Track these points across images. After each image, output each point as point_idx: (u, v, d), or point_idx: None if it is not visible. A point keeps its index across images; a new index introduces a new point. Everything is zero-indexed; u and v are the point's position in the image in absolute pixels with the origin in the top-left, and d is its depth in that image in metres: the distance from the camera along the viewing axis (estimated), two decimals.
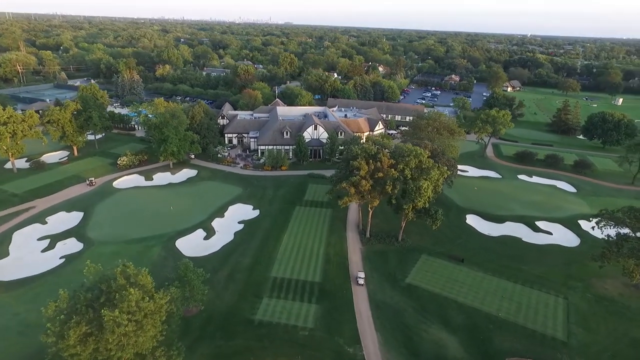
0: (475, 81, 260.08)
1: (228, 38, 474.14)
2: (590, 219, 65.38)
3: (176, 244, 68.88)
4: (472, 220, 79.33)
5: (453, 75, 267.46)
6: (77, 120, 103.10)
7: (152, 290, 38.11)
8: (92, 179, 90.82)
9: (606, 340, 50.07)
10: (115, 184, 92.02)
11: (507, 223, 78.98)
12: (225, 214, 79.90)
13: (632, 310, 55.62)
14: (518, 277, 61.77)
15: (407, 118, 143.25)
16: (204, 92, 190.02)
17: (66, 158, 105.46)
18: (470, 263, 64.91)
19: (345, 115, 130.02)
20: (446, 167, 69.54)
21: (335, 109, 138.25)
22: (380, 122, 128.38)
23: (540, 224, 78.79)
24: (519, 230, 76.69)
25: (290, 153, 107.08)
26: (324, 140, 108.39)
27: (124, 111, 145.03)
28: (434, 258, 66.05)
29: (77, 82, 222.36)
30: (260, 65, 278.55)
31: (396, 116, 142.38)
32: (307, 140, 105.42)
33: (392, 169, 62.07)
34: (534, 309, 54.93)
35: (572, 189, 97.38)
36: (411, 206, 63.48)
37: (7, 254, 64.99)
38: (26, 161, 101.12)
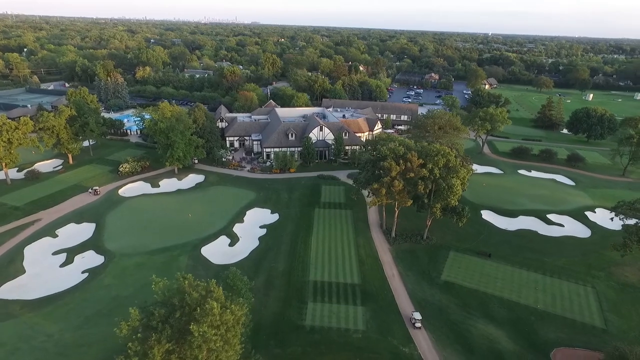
0: (453, 79, 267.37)
1: (201, 38, 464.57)
2: (610, 211, 68.37)
3: (202, 252, 67.09)
4: (487, 215, 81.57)
5: (433, 74, 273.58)
6: (73, 127, 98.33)
7: (225, 301, 36.94)
8: (97, 187, 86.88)
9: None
10: (121, 192, 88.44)
11: (521, 217, 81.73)
12: (245, 219, 78.48)
13: None
14: (544, 269, 64.14)
15: (402, 117, 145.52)
16: (190, 95, 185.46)
17: (61, 167, 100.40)
18: (496, 257, 66.83)
19: (344, 116, 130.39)
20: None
21: (331, 109, 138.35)
22: (378, 121, 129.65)
23: (551, 216, 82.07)
24: (532, 223, 79.54)
25: (296, 155, 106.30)
26: (330, 142, 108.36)
27: (111, 116, 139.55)
28: (462, 254, 67.53)
29: (51, 86, 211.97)
30: (241, 66, 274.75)
31: (391, 115, 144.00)
32: (313, 142, 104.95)
33: (423, 169, 62.84)
34: (568, 299, 57.23)
35: (570, 182, 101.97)
36: (439, 205, 64.70)
37: (22, 270, 61.24)
38: (18, 171, 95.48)
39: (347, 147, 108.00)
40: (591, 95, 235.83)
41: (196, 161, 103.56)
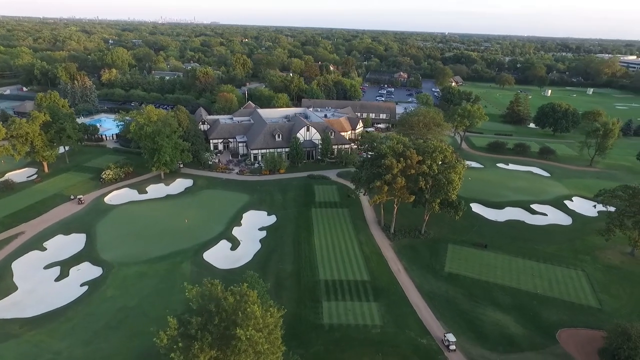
0: (420, 78, 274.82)
1: (162, 39, 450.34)
2: (593, 198, 73.12)
3: (204, 257, 65.83)
4: (477, 208, 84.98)
5: (402, 73, 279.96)
6: (48, 133, 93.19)
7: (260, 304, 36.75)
8: (81, 196, 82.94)
9: (630, 303, 57.20)
10: (107, 200, 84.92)
11: (507, 208, 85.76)
12: (242, 222, 77.58)
13: (636, 274, 63.77)
14: (537, 256, 67.86)
15: (381, 115, 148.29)
16: (162, 97, 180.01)
17: (37, 176, 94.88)
18: (492, 248, 69.95)
19: (325, 116, 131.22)
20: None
21: (311, 109, 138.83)
22: (360, 120, 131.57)
23: (534, 207, 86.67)
24: (519, 214, 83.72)
25: (283, 155, 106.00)
26: (316, 142, 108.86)
27: (81, 121, 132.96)
28: (460, 247, 70.16)
29: (7, 91, 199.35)
30: (209, 67, 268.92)
31: (371, 114, 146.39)
32: (300, 142, 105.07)
33: (424, 165, 64.76)
34: (563, 283, 60.95)
35: (545, 174, 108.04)
36: (438, 199, 66.96)
37: (14, 287, 57.70)
38: None
39: (334, 147, 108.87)
40: (549, 91, 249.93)
41: (181, 165, 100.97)
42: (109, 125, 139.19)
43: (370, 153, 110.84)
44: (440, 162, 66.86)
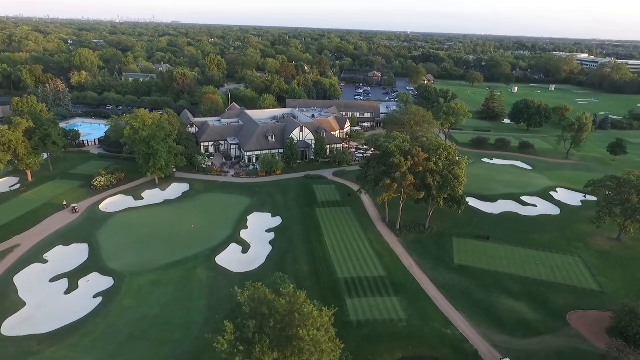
0: (393, 76, 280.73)
1: (126, 39, 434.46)
2: (585, 188, 77.83)
3: (217, 262, 65.22)
4: (472, 202, 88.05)
5: (376, 72, 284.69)
6: (32, 140, 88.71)
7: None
8: (75, 205, 79.71)
9: (626, 284, 61.67)
10: (103, 207, 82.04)
11: (500, 201, 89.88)
12: (248, 224, 77.23)
13: (625, 259, 68.73)
14: (536, 245, 71.73)
15: (366, 114, 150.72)
16: (139, 100, 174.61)
17: (20, 185, 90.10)
18: (494, 239, 73.31)
19: (313, 116, 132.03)
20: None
21: (297, 110, 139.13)
22: (348, 120, 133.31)
23: (524, 199, 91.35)
24: (511, 206, 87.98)
25: (277, 156, 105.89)
26: (309, 142, 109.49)
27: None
28: (464, 239, 73.06)
29: None
30: (174, 68, 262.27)
31: (355, 113, 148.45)
32: (294, 143, 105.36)
33: (431, 162, 67.03)
34: (564, 269, 64.94)
35: (528, 167, 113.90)
36: (444, 195, 69.53)
37: (22, 302, 55.02)
38: None
39: (327, 146, 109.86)
40: (516, 88, 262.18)
41: (174, 169, 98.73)
42: (86, 130, 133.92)
43: (362, 152, 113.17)
44: (444, 159, 69.22)
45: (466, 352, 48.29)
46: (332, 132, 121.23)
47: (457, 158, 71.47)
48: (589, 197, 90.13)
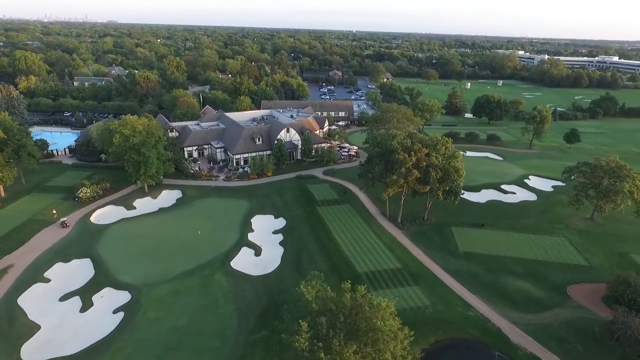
0: (353, 75, 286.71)
1: (67, 41, 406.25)
2: (563, 174, 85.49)
3: (232, 266, 64.80)
4: None
5: (336, 71, 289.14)
6: (4, 152, 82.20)
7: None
8: (64, 219, 75.13)
9: (607, 258, 69.03)
10: (94, 220, 78.03)
11: (483, 191, 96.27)
12: (253, 227, 77.03)
13: (601, 235, 76.93)
14: (525, 229, 78.10)
15: (340, 113, 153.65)
16: (99, 105, 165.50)
17: None
18: (487, 226, 78.86)
19: (292, 116, 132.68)
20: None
21: (275, 111, 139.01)
22: (327, 119, 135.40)
23: (504, 187, 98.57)
24: (494, 195, 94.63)
25: (265, 158, 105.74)
26: (296, 142, 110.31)
27: None
28: (462, 228, 77.85)
29: None
30: (136, 71, 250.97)
31: (330, 112, 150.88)
32: (283, 144, 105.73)
33: (433, 157, 70.85)
34: (555, 249, 71.46)
35: (499, 158, 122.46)
36: (443, 188, 73.75)
37: (36, 326, 51.62)
38: None
39: (314, 146, 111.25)
40: (469, 84, 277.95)
41: (161, 176, 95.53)
42: (47, 139, 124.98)
43: (346, 150, 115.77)
44: (443, 154, 73.38)
45: (491, 331, 52.26)
46: (315, 132, 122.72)
47: (455, 151, 75.65)
48: (557, 183, 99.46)
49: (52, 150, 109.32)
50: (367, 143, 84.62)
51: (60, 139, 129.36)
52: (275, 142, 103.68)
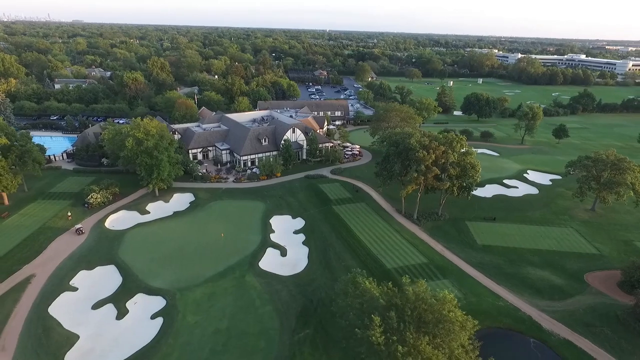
0: (337, 74, 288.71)
1: (37, 41, 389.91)
2: (566, 168, 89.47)
3: (261, 267, 65.00)
4: None
5: (322, 71, 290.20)
6: (8, 158, 79.25)
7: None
8: (80, 226, 73.21)
9: (615, 246, 73.24)
10: (109, 226, 76.41)
11: (487, 186, 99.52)
12: (274, 228, 77.25)
13: (605, 225, 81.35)
14: (534, 221, 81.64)
15: (336, 113, 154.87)
16: (87, 108, 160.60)
17: None
18: (499, 220, 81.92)
19: (291, 116, 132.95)
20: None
21: (274, 111, 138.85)
22: (326, 119, 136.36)
23: (506, 182, 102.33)
24: (498, 189, 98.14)
25: (272, 159, 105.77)
26: (301, 142, 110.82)
27: None
28: (475, 222, 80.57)
29: None
30: (124, 73, 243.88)
31: (327, 112, 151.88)
32: (290, 144, 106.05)
33: (450, 154, 73.10)
34: (566, 240, 75.10)
35: (495, 154, 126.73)
36: (459, 184, 76.22)
37: (74, 336, 50.48)
38: None
39: (320, 146, 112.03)
40: (452, 82, 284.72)
41: (172, 180, 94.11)
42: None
43: (349, 149, 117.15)
44: (458, 151, 75.80)
45: (523, 319, 54.74)
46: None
47: (468, 149, 78.21)
48: (554, 176, 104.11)
49: (49, 156, 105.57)
50: (383, 142, 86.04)
51: (52, 144, 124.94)
52: (283, 142, 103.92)
